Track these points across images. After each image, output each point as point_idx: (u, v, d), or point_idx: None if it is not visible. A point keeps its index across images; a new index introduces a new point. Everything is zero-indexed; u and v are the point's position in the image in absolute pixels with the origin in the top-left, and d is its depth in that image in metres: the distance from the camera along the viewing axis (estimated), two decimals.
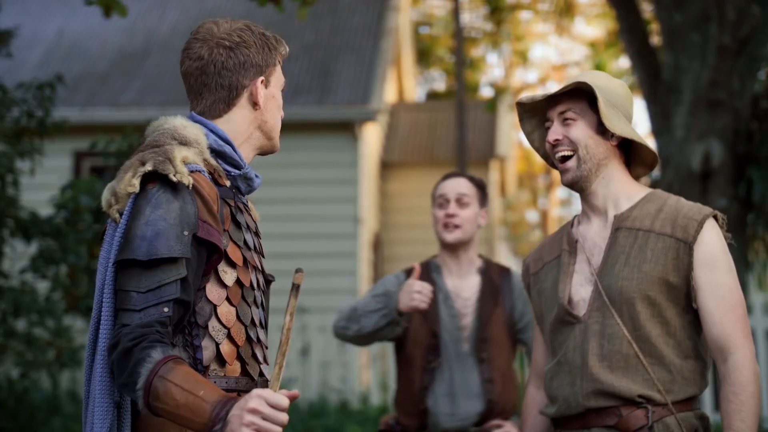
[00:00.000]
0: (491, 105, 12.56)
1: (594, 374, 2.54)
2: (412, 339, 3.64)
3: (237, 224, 2.23)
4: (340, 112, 11.80)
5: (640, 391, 2.51)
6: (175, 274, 2.06)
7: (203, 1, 13.75)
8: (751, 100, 7.50)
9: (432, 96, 23.22)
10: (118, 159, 7.22)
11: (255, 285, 2.25)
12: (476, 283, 3.71)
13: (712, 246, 2.55)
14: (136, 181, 2.12)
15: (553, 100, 2.68)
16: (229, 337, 2.16)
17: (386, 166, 13.63)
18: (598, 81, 2.63)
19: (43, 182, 9.28)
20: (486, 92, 23.56)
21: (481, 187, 3.74)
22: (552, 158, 2.70)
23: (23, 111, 7.47)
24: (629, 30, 7.92)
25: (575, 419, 2.59)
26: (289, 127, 11.58)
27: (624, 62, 19.05)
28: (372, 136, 12.70)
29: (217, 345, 2.15)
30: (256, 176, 2.33)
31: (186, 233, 2.08)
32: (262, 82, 2.31)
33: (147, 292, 2.05)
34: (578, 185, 2.66)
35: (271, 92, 2.34)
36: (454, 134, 13.62)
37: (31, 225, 7.13)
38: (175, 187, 2.11)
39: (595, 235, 2.67)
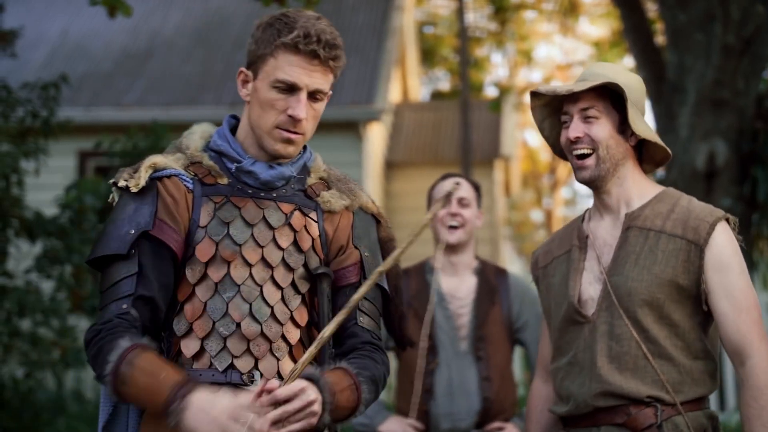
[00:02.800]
0: (496, 105, 12.55)
1: (603, 375, 2.52)
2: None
3: (221, 220, 2.21)
4: (345, 111, 11.79)
5: (649, 392, 2.50)
6: (125, 272, 2.15)
7: (207, 1, 13.75)
8: (756, 99, 7.50)
9: (436, 96, 23.19)
10: (123, 159, 7.22)
11: (242, 280, 2.19)
12: (473, 283, 3.73)
13: (723, 248, 2.51)
14: (116, 195, 2.26)
15: (574, 94, 2.61)
16: (192, 331, 2.17)
17: (391, 166, 13.62)
18: (619, 77, 2.59)
19: (48, 182, 9.27)
20: (490, 92, 23.51)
21: (477, 189, 3.80)
22: (568, 154, 2.64)
23: (28, 111, 7.48)
24: (634, 29, 7.92)
25: (584, 418, 2.58)
26: None
27: (628, 62, 19.02)
28: (376, 136, 12.69)
29: (181, 339, 2.18)
30: (272, 167, 2.26)
31: (132, 232, 2.16)
32: (242, 73, 2.28)
33: (105, 291, 2.16)
34: (594, 183, 2.62)
35: (255, 85, 2.26)
36: (459, 134, 13.61)
37: (36, 225, 7.14)
38: (138, 192, 2.19)
39: (605, 233, 2.64)
